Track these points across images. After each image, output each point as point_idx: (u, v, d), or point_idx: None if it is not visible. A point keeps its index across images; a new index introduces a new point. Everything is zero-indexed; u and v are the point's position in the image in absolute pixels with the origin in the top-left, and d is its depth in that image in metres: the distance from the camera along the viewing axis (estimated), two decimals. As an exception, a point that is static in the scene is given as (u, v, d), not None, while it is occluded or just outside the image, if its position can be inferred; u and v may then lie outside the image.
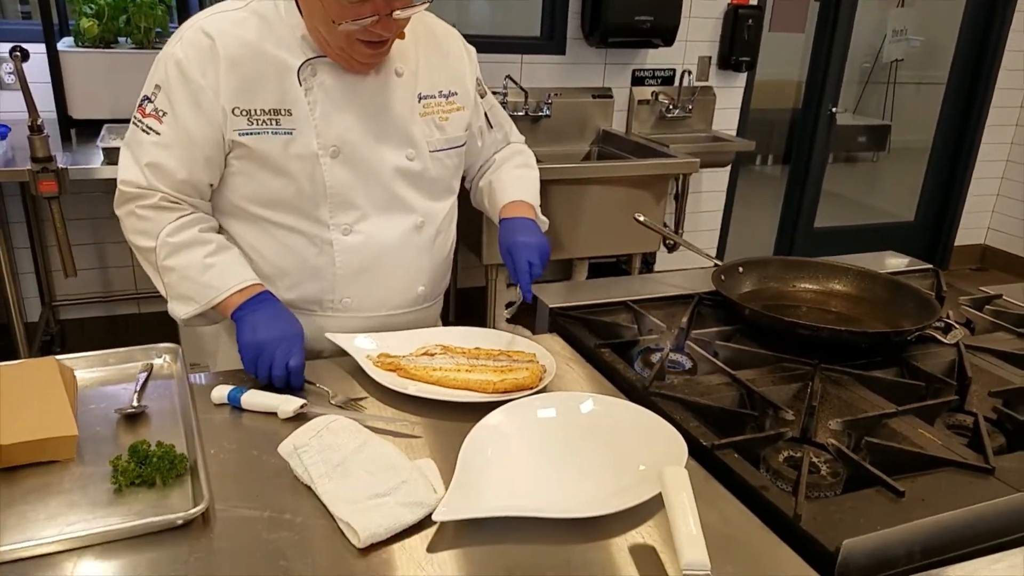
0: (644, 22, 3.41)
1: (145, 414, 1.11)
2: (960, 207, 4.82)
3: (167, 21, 2.87)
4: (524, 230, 1.43)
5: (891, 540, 0.89)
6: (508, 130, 1.62)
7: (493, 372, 1.20)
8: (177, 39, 1.26)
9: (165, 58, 1.26)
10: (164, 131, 1.25)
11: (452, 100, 1.41)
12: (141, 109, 1.27)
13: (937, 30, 4.59)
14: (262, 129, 1.25)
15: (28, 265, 3.10)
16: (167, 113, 1.25)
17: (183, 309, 1.29)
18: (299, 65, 1.26)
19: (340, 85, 1.29)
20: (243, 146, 1.26)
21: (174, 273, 1.28)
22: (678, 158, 3.18)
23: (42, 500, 0.92)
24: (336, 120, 1.28)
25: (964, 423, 1.15)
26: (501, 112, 1.61)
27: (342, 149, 1.29)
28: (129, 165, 1.28)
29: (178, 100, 1.24)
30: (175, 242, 1.27)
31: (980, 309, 1.59)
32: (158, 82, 1.26)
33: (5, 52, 2.43)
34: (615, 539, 0.90)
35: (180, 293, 1.29)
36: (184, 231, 1.27)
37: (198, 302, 1.27)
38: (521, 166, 1.58)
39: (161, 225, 1.27)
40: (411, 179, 1.37)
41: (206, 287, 1.26)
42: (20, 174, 2.36)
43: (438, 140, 1.39)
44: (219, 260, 1.28)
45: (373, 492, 0.91)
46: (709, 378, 1.26)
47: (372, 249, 1.35)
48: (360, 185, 1.32)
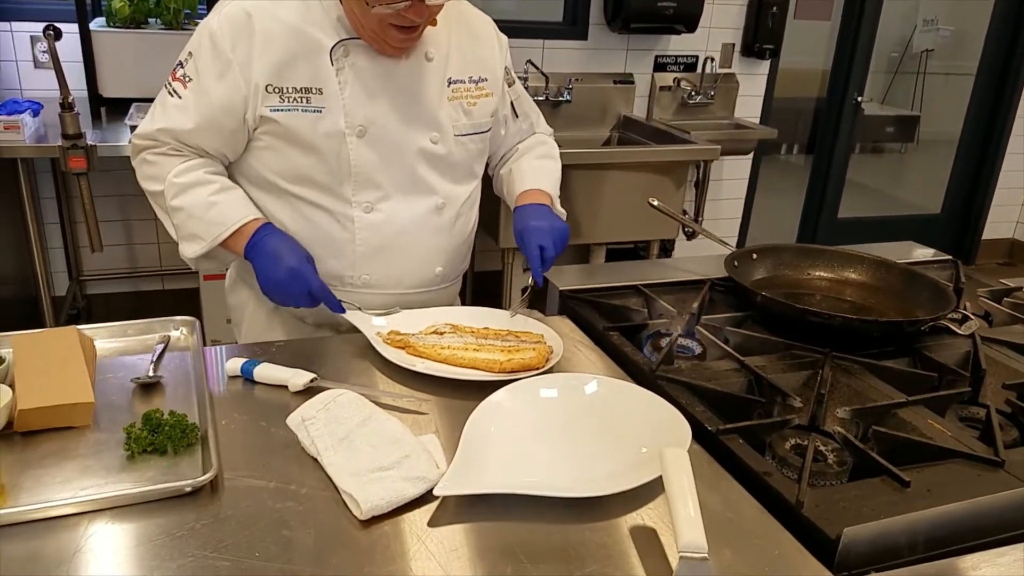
0: (667, 8, 3.37)
1: (160, 384, 1.13)
2: (988, 200, 4.73)
3: (196, 3, 2.91)
4: (536, 215, 1.43)
5: (893, 529, 0.88)
6: (535, 120, 1.62)
7: (500, 352, 1.21)
8: (216, 12, 1.29)
9: (202, 28, 1.30)
10: (186, 96, 1.30)
11: (481, 86, 1.43)
12: (173, 73, 1.32)
13: (967, 20, 4.50)
14: (293, 106, 1.28)
15: (57, 240, 3.16)
16: (192, 80, 1.29)
17: (191, 248, 1.34)
18: (332, 45, 1.28)
19: (371, 67, 1.31)
20: (273, 122, 1.29)
21: (182, 212, 1.32)
22: (699, 145, 3.16)
23: (57, 464, 0.94)
24: (364, 101, 1.31)
25: (976, 415, 1.14)
26: (529, 102, 1.61)
27: (368, 129, 1.32)
28: (146, 120, 1.34)
29: (204, 69, 1.28)
30: (181, 182, 1.31)
31: (999, 301, 1.56)
32: (191, 49, 1.31)
33: (39, 31, 2.47)
34: (615, 520, 0.90)
35: (188, 232, 1.33)
36: (190, 172, 1.32)
37: (204, 239, 1.32)
38: (543, 156, 1.58)
39: (168, 168, 1.32)
40: (434, 162, 1.38)
41: (211, 224, 1.31)
42: (51, 150, 2.41)
43: (464, 125, 1.41)
44: (222, 198, 1.32)
45: (376, 465, 0.92)
46: (718, 363, 1.26)
47: (392, 228, 1.37)
48: (384, 165, 1.34)
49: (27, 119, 2.42)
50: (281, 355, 1.23)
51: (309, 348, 1.30)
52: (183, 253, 1.36)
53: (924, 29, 4.48)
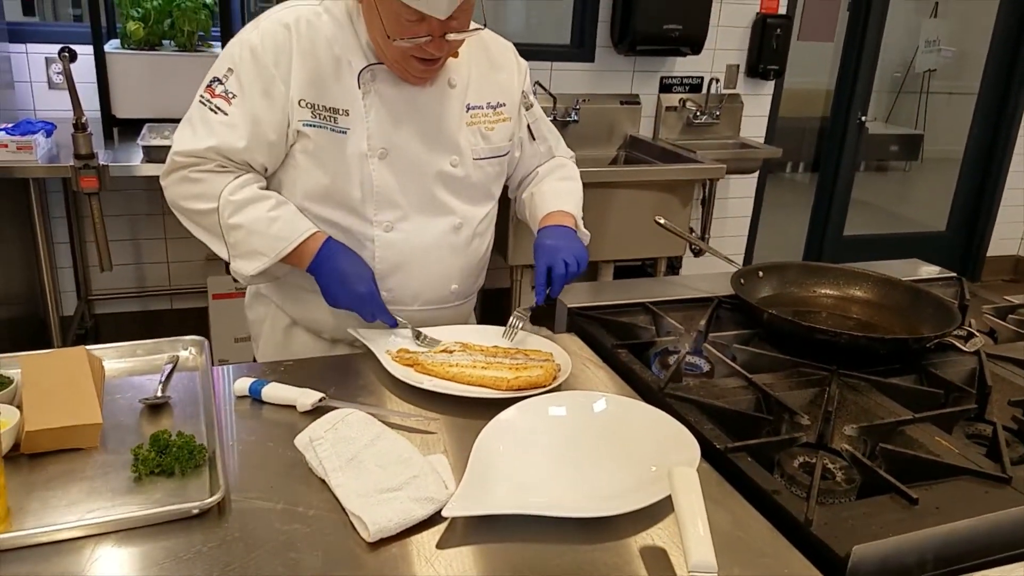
0: (673, 31, 3.40)
1: (169, 404, 1.13)
2: (993, 218, 4.73)
3: (210, 25, 2.94)
4: (555, 235, 1.43)
5: (902, 547, 0.88)
6: (553, 144, 1.63)
7: (508, 369, 1.21)
8: (254, 27, 1.31)
9: (240, 43, 1.30)
10: (232, 112, 1.29)
11: (499, 111, 1.45)
12: (210, 89, 1.31)
13: (969, 41, 4.53)
14: (322, 123, 1.31)
15: (66, 260, 3.18)
16: (237, 96, 1.29)
17: (251, 265, 1.32)
18: (360, 69, 1.31)
19: (396, 92, 1.34)
20: (306, 137, 1.31)
21: (241, 230, 1.31)
22: (704, 164, 3.18)
23: (64, 486, 0.94)
24: (388, 125, 1.34)
25: (983, 432, 1.14)
26: (547, 126, 1.62)
27: (390, 152, 1.34)
28: (188, 138, 1.31)
29: (249, 85, 1.29)
30: (238, 199, 1.30)
31: (1004, 318, 1.56)
32: (230, 65, 1.30)
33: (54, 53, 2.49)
34: (626, 540, 0.90)
35: (248, 250, 1.31)
36: (244, 188, 1.31)
37: (267, 255, 1.31)
38: (564, 179, 1.58)
39: (220, 186, 1.30)
40: (453, 184, 1.41)
41: (275, 239, 1.30)
42: (63, 170, 2.44)
43: (483, 149, 1.43)
44: (281, 213, 1.32)
45: (384, 486, 0.92)
46: (726, 381, 1.26)
47: (410, 247, 1.39)
48: (404, 186, 1.37)
49: (40, 139, 2.45)
50: (289, 375, 1.23)
51: (317, 367, 1.30)
52: (240, 271, 1.34)
53: (926, 50, 4.50)
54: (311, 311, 1.45)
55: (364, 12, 1.29)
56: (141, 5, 2.81)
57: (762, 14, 3.71)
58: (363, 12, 1.29)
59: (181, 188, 1.33)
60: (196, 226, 1.36)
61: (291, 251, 1.30)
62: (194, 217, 1.34)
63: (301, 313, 1.47)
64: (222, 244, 1.33)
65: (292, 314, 1.48)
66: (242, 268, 1.33)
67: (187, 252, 3.30)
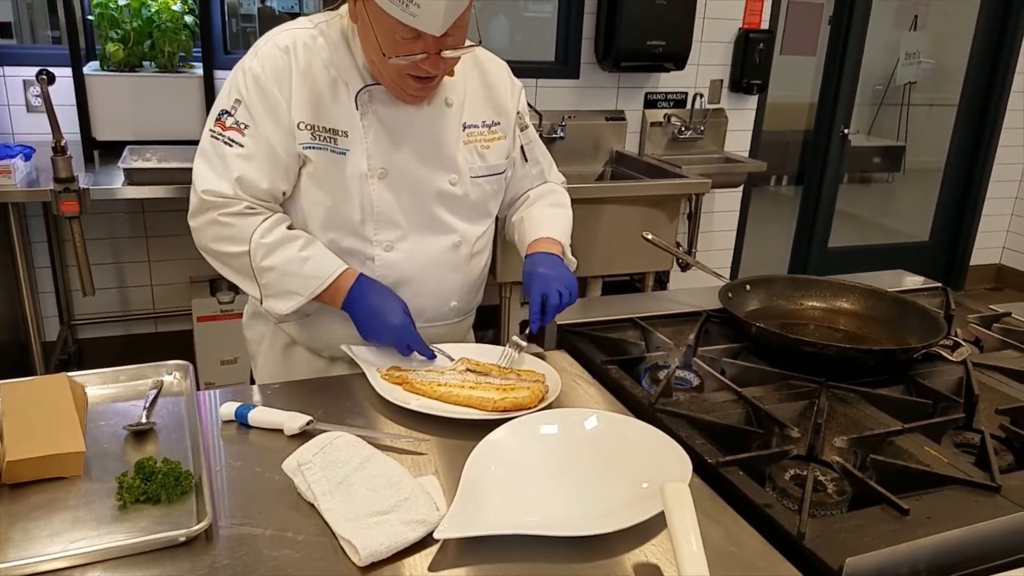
0: (656, 47, 3.43)
1: (153, 431, 1.12)
2: (975, 227, 4.79)
3: (190, 46, 2.94)
4: (545, 263, 1.42)
5: (895, 558, 0.88)
6: (545, 167, 1.63)
7: (495, 390, 1.21)
8: (253, 55, 1.31)
9: (243, 72, 1.31)
10: (248, 143, 1.29)
11: (494, 130, 1.46)
12: (220, 123, 1.31)
13: (948, 54, 4.60)
14: (322, 145, 1.31)
15: (48, 285, 3.15)
16: (249, 126, 1.29)
17: (284, 305, 1.33)
18: (358, 90, 1.31)
19: (394, 112, 1.34)
20: (307, 160, 1.32)
21: (274, 272, 1.31)
22: (690, 179, 3.20)
23: (47, 516, 0.93)
24: (387, 145, 1.34)
25: (971, 441, 1.14)
26: (541, 149, 1.62)
27: (390, 172, 1.35)
28: (209, 175, 1.31)
29: (259, 114, 1.29)
30: (269, 242, 1.30)
31: (989, 327, 1.58)
32: (237, 96, 1.30)
33: (32, 76, 2.48)
34: (619, 557, 0.90)
35: (281, 290, 1.32)
36: (274, 231, 1.31)
37: (302, 295, 1.31)
38: (554, 205, 1.58)
39: (250, 229, 1.30)
40: (452, 202, 1.41)
41: (309, 279, 1.31)
42: (43, 194, 2.42)
43: (479, 167, 1.43)
44: (312, 252, 1.33)
45: (375, 509, 0.91)
46: (715, 395, 1.26)
47: (410, 265, 1.39)
48: (404, 206, 1.37)
49: (19, 163, 2.43)
50: (276, 398, 1.22)
51: (305, 390, 1.29)
52: (275, 310, 1.35)
53: (907, 62, 4.56)
54: (309, 329, 1.44)
55: (359, 32, 1.29)
56: (120, 26, 2.80)
57: (745, 29, 3.75)
58: (358, 32, 1.29)
59: (211, 231, 1.32)
60: (227, 268, 1.35)
61: (324, 289, 1.31)
62: (225, 260, 1.34)
63: (300, 332, 1.46)
64: (254, 285, 1.34)
65: (291, 333, 1.48)
66: (276, 307, 1.34)
67: (171, 275, 3.28)
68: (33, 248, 3.06)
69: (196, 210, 1.32)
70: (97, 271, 2.98)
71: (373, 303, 1.31)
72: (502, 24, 3.72)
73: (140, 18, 2.80)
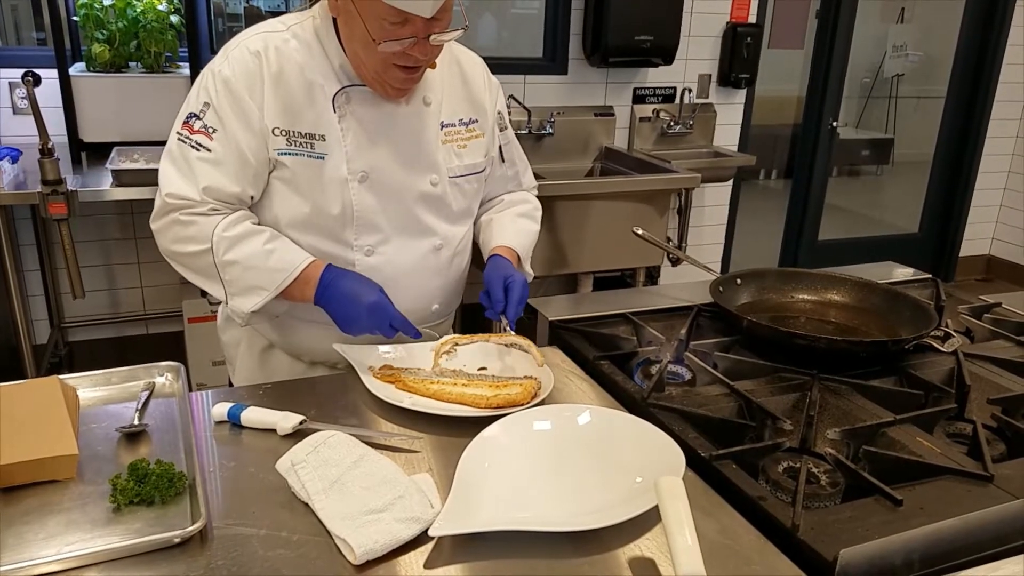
0: (644, 42, 3.44)
1: (146, 432, 1.11)
2: (964, 218, 4.81)
3: (177, 46, 2.92)
4: (500, 264, 1.42)
5: (889, 549, 0.88)
6: (520, 170, 1.61)
7: (488, 387, 1.21)
8: (223, 58, 1.28)
9: (212, 75, 1.28)
10: (215, 148, 1.26)
11: (472, 128, 1.44)
12: (188, 126, 1.28)
13: (936, 45, 4.62)
14: (298, 151, 1.29)
15: (37, 287, 3.13)
16: (217, 130, 1.27)
17: (249, 301, 1.29)
18: (335, 93, 1.29)
19: (373, 113, 1.32)
20: (283, 165, 1.29)
21: (237, 266, 1.27)
22: (679, 173, 3.20)
23: (41, 520, 0.92)
24: (366, 148, 1.32)
25: (963, 431, 1.15)
26: (518, 152, 1.60)
27: (370, 175, 1.32)
28: (174, 179, 1.28)
29: (228, 118, 1.26)
30: (232, 235, 1.27)
31: (979, 318, 1.58)
32: (206, 100, 1.27)
33: (18, 78, 2.47)
34: (614, 552, 0.90)
35: (246, 285, 1.28)
36: (238, 224, 1.28)
37: (267, 289, 1.27)
38: (524, 216, 1.56)
39: (212, 226, 1.27)
40: (433, 204, 1.40)
41: (274, 272, 1.27)
42: (30, 197, 2.40)
43: (457, 167, 1.41)
44: (277, 246, 1.29)
45: (369, 508, 0.91)
46: (708, 389, 1.27)
47: (392, 269, 1.37)
48: (385, 209, 1.35)
49: (5, 166, 2.41)
50: (269, 398, 1.22)
51: (297, 389, 1.28)
52: (236, 309, 1.31)
53: (894, 55, 4.58)
54: (287, 333, 1.43)
55: (342, 25, 1.26)
56: (106, 27, 2.78)
57: (732, 23, 3.76)
58: (341, 25, 1.27)
59: (172, 231, 1.29)
60: (188, 270, 1.32)
61: (291, 282, 1.28)
62: (186, 260, 1.31)
63: (277, 335, 1.44)
64: (218, 283, 1.30)
65: (268, 336, 1.46)
66: (240, 305, 1.30)
67: (161, 276, 3.27)
68: (22, 251, 3.04)
69: (159, 212, 1.30)
70: (87, 273, 2.96)
71: (346, 288, 1.28)
72: (489, 21, 3.72)
73: (125, 18, 2.79)
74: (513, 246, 1.49)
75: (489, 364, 1.32)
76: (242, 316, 1.32)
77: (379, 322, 1.27)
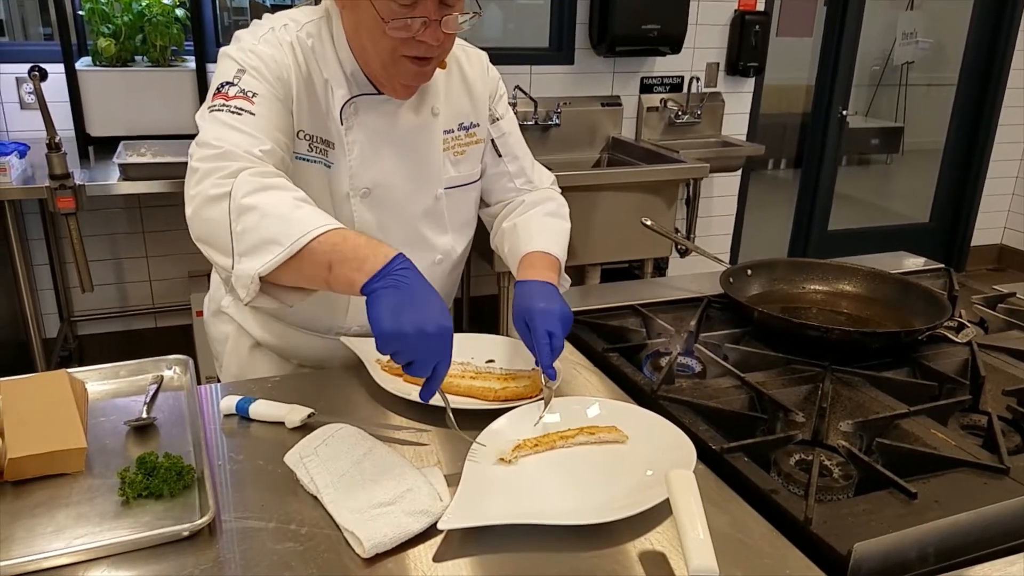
0: (651, 31, 3.41)
1: (154, 426, 1.11)
2: (975, 207, 4.77)
3: (182, 39, 2.92)
4: (542, 296, 1.22)
5: (904, 543, 0.87)
6: (527, 165, 1.47)
7: (496, 380, 1.20)
8: (255, 39, 1.19)
9: (246, 50, 1.17)
10: (258, 111, 1.13)
11: (472, 132, 1.38)
12: (222, 94, 1.14)
13: (946, 32, 4.58)
14: (317, 158, 1.23)
15: (46, 282, 3.15)
16: (257, 94, 1.14)
17: (258, 262, 0.99)
18: (343, 103, 1.23)
19: (381, 124, 1.26)
20: (296, 172, 1.21)
21: (254, 213, 1.00)
22: (688, 163, 3.19)
23: (50, 513, 0.92)
24: (372, 162, 1.27)
25: (978, 423, 1.14)
26: (519, 145, 1.47)
27: (373, 191, 1.28)
28: (225, 135, 1.09)
29: (266, 84, 1.15)
30: (259, 181, 1.03)
31: (993, 308, 1.57)
32: (241, 66, 1.16)
33: (24, 73, 2.47)
34: (624, 545, 0.89)
35: (258, 239, 1.00)
36: (270, 176, 1.06)
37: (282, 244, 0.97)
38: (551, 214, 1.43)
39: (240, 168, 1.06)
40: (435, 218, 1.36)
41: (298, 222, 0.99)
42: (38, 191, 2.41)
43: (453, 177, 1.37)
44: (310, 206, 1.05)
45: (378, 501, 0.90)
46: (718, 381, 1.25)
47: None
48: (385, 225, 1.31)
49: (13, 161, 2.42)
50: (277, 391, 1.21)
51: (306, 382, 1.28)
52: (244, 272, 1.00)
53: (904, 42, 4.54)
54: (275, 333, 1.39)
55: (348, 16, 1.19)
56: (111, 21, 2.78)
57: (740, 11, 3.73)
58: (347, 18, 1.19)
59: (209, 180, 1.06)
60: (203, 225, 1.06)
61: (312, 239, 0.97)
62: (203, 210, 1.05)
63: (265, 334, 1.40)
64: (227, 240, 1.02)
65: (255, 334, 1.41)
66: (247, 267, 1.00)
67: (169, 269, 3.28)
68: (31, 245, 3.06)
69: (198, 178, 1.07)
70: (95, 267, 2.97)
71: (420, 290, 0.97)
72: (495, 12, 3.70)
73: (131, 12, 2.79)
74: (550, 250, 1.35)
75: (497, 357, 1.31)
76: (247, 285, 1.01)
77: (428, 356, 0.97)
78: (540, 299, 1.21)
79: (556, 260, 1.35)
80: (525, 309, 1.20)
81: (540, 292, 1.23)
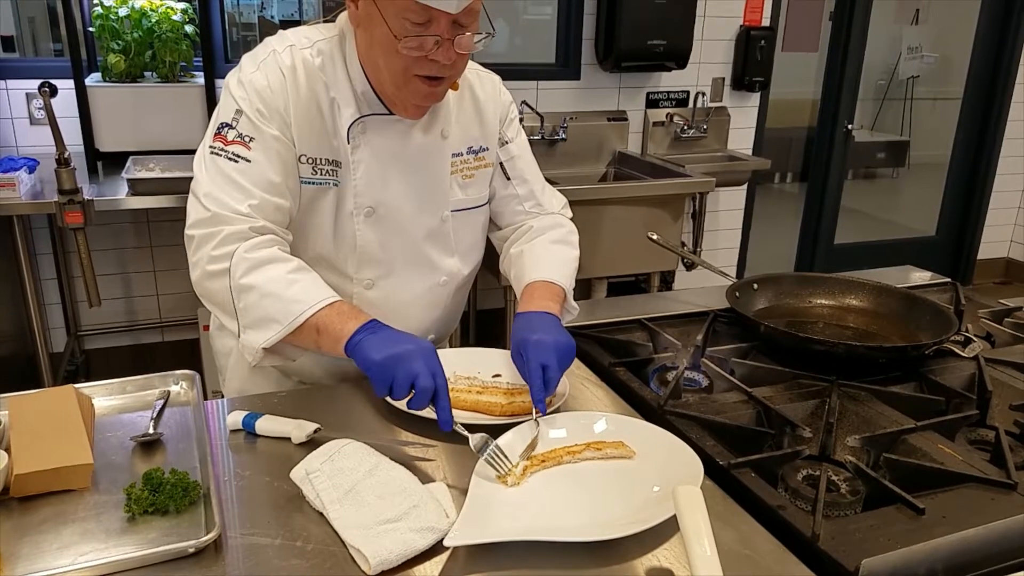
0: (657, 46, 3.43)
1: (161, 441, 1.11)
2: (982, 221, 4.76)
3: (191, 56, 2.95)
4: (541, 327, 1.22)
5: (912, 559, 0.87)
6: (536, 189, 1.46)
7: (502, 395, 1.20)
8: (253, 66, 1.21)
9: (243, 83, 1.20)
10: (254, 157, 1.18)
11: (481, 156, 1.38)
12: (221, 137, 1.19)
13: (951, 46, 4.59)
14: (323, 180, 1.24)
15: (54, 296, 3.16)
16: (254, 139, 1.19)
17: (261, 336, 1.14)
18: (350, 123, 1.24)
19: (389, 144, 1.27)
20: (302, 195, 1.24)
21: (253, 292, 1.13)
22: (693, 177, 3.19)
23: (56, 529, 0.92)
24: (377, 183, 1.27)
25: (985, 438, 1.13)
26: (528, 168, 1.46)
27: (377, 210, 1.28)
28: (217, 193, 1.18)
29: (263, 125, 1.19)
30: (254, 257, 1.15)
31: (1000, 322, 1.56)
32: (239, 107, 1.19)
33: (35, 89, 2.50)
34: (631, 562, 0.89)
35: (259, 316, 1.14)
36: (263, 248, 1.17)
37: (281, 323, 1.12)
38: (558, 241, 1.42)
39: (236, 245, 1.16)
40: (440, 240, 1.36)
41: (292, 302, 1.12)
42: (47, 206, 2.42)
43: (461, 200, 1.37)
44: (303, 277, 1.16)
45: (384, 517, 0.90)
46: (725, 396, 1.25)
47: (391, 303, 1.33)
48: (389, 244, 1.31)
49: (23, 176, 2.44)
50: (283, 406, 1.21)
51: (312, 398, 1.28)
52: (248, 344, 1.16)
53: (909, 56, 4.55)
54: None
55: (361, 35, 1.20)
56: (121, 37, 2.81)
57: (746, 26, 3.74)
58: (360, 36, 1.20)
59: (204, 249, 1.17)
60: (207, 294, 1.20)
61: (308, 317, 1.11)
62: (208, 282, 1.18)
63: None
64: (232, 312, 1.16)
65: None
66: (252, 340, 1.14)
67: (176, 284, 3.29)
68: (39, 260, 3.07)
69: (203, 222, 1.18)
70: (103, 282, 2.98)
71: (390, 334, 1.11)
72: (501, 27, 3.72)
73: (141, 29, 2.81)
74: (554, 279, 1.34)
75: (504, 371, 1.31)
76: (253, 354, 1.17)
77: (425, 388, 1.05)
78: (535, 330, 1.20)
79: (560, 289, 1.34)
80: (520, 341, 1.20)
81: (536, 323, 1.23)
